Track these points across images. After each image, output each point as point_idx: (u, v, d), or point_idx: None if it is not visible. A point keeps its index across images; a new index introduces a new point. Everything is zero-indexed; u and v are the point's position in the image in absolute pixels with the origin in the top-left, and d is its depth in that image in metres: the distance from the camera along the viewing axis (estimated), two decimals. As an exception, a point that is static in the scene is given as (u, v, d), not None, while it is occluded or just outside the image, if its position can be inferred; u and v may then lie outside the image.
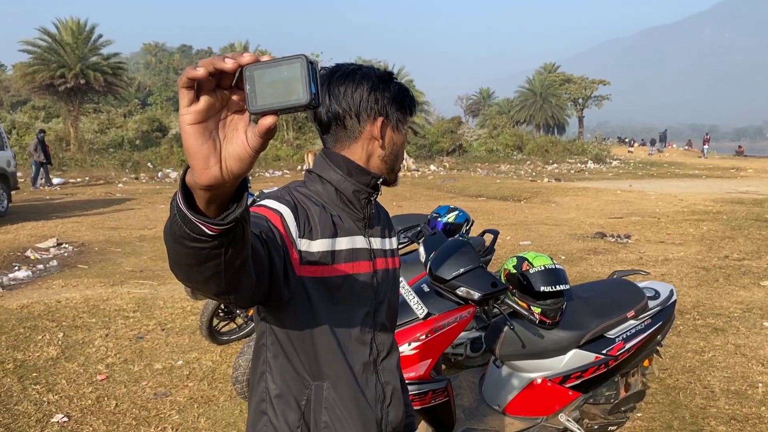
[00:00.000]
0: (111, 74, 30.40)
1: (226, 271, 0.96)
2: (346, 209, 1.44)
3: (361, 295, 1.43)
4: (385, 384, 1.49)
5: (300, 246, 1.31)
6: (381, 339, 1.49)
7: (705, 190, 20.04)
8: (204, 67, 0.74)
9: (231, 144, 0.80)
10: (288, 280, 1.28)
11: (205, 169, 0.79)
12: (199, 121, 0.78)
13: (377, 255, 1.49)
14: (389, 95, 1.45)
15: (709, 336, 5.44)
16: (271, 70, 0.76)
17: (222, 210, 0.87)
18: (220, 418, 3.91)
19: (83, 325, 5.63)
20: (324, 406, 1.39)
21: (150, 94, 53.91)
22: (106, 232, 10.93)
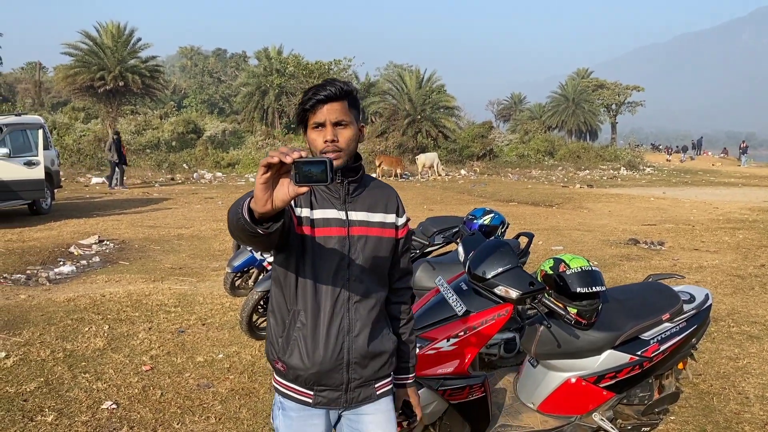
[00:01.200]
0: (148, 77, 31.05)
1: (269, 244, 1.75)
2: (326, 190, 1.97)
3: (333, 251, 1.93)
4: (354, 320, 1.97)
5: (296, 212, 1.91)
6: (354, 286, 1.97)
7: (741, 198, 19.70)
8: (277, 156, 1.43)
9: (279, 192, 1.50)
10: (291, 235, 1.89)
11: (263, 205, 1.51)
12: (265, 183, 1.48)
13: (353, 224, 1.96)
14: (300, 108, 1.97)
15: (744, 343, 5.42)
16: (309, 164, 1.46)
17: (268, 221, 1.58)
18: (260, 409, 4.05)
19: (127, 318, 5.84)
20: (297, 326, 1.96)
21: (185, 96, 54.77)
22: (145, 230, 11.22)
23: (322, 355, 1.93)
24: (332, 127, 1.90)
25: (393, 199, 2.09)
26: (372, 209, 2.01)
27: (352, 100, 1.96)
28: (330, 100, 1.89)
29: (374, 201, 2.03)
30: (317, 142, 1.91)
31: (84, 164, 25.36)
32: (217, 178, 24.88)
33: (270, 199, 1.49)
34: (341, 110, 1.90)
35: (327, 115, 1.89)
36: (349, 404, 2.03)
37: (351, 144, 1.94)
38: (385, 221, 2.03)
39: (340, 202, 1.97)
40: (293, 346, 1.95)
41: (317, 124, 1.90)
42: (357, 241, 1.97)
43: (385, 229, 2.02)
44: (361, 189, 2.01)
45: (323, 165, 1.46)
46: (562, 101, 51.42)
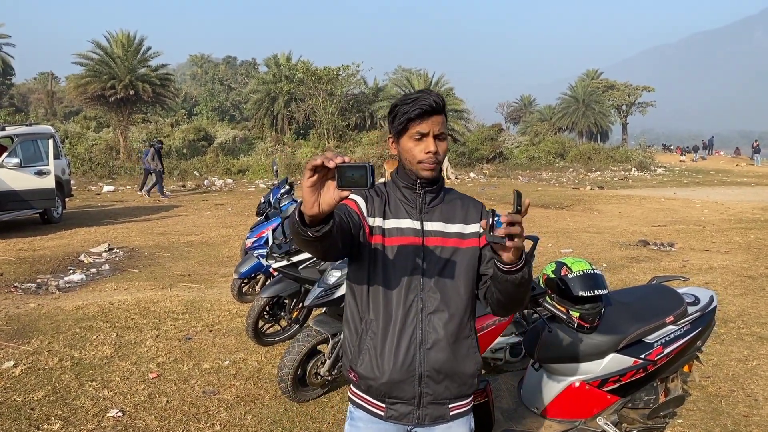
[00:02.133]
0: (159, 85, 31.30)
1: (322, 249, 1.70)
2: (403, 199, 1.99)
3: (406, 260, 1.93)
4: (427, 332, 1.93)
5: (369, 221, 1.94)
6: (429, 297, 1.93)
7: (753, 198, 19.52)
8: (321, 160, 1.47)
9: (325, 195, 1.51)
10: (362, 244, 1.92)
11: (310, 208, 1.53)
12: (311, 186, 1.50)
13: (429, 234, 1.95)
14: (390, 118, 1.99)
15: (754, 345, 5.36)
16: (351, 169, 1.48)
17: (319, 224, 1.59)
18: (265, 416, 4.05)
19: (135, 326, 5.87)
20: (369, 335, 1.96)
21: (196, 104, 55.14)
22: (155, 238, 11.29)
23: (392, 365, 1.91)
24: (434, 139, 1.90)
25: (475, 209, 2.04)
26: (449, 220, 1.99)
27: (446, 114, 1.97)
28: (436, 113, 1.89)
29: (453, 212, 2.01)
30: (414, 152, 1.92)
31: (96, 173, 25.55)
32: (227, 185, 24.98)
33: (317, 201, 1.51)
34: (442, 123, 1.92)
35: (431, 126, 1.89)
36: (421, 422, 1.98)
37: (444, 156, 1.97)
38: (463, 232, 1.98)
39: (417, 212, 1.97)
40: (364, 355, 1.95)
41: (421, 134, 1.90)
42: (432, 251, 1.94)
43: (463, 240, 1.97)
44: (439, 200, 2.01)
45: (363, 170, 1.48)
46: (572, 103, 51.25)
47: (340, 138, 36.86)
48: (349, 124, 38.82)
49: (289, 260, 4.85)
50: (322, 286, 4.04)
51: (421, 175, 1.93)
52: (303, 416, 4.06)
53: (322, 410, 4.15)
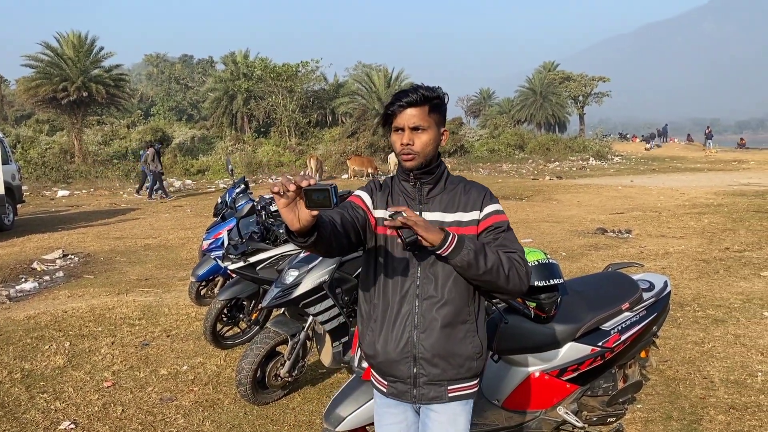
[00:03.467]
0: (113, 86, 30.54)
1: (322, 251, 1.88)
2: (404, 191, 2.12)
3: (405, 250, 2.03)
4: (421, 315, 2.05)
5: (375, 214, 2.10)
6: (423, 283, 2.05)
7: (707, 183, 20.04)
8: (281, 185, 1.61)
9: (302, 213, 1.64)
10: (368, 235, 2.09)
11: (291, 225, 1.67)
12: (284, 206, 1.63)
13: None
14: (384, 112, 2.09)
15: (709, 327, 5.47)
16: (315, 192, 1.61)
17: (305, 235, 1.73)
18: (224, 420, 3.97)
19: (89, 333, 5.70)
20: (373, 318, 2.14)
21: (153, 104, 54.08)
22: (112, 242, 11.02)
23: (388, 345, 2.08)
24: (410, 131, 2.01)
25: (476, 197, 2.11)
26: (448, 209, 2.08)
27: (435, 105, 2.03)
28: (411, 106, 1.99)
29: (452, 201, 2.10)
30: (396, 144, 2.06)
31: (50, 177, 24.85)
32: (186, 186, 24.57)
33: (297, 218, 1.64)
34: (420, 116, 2.00)
35: (406, 120, 2.00)
36: (418, 400, 2.12)
37: (427, 148, 2.03)
38: (461, 220, 2.07)
39: (416, 203, 2.09)
40: (368, 335, 2.15)
41: (397, 128, 2.04)
42: None
43: (460, 228, 2.04)
44: (439, 190, 2.11)
45: (326, 192, 1.60)
46: (530, 95, 51.85)
47: (302, 135, 36.62)
48: (310, 121, 38.57)
49: (246, 261, 4.76)
50: (280, 286, 3.97)
51: (403, 165, 2.08)
52: (263, 419, 3.98)
53: (283, 412, 4.08)
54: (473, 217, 2.07)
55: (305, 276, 3.89)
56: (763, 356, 4.76)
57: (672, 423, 3.78)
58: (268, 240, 4.93)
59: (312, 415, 4.03)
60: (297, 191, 1.60)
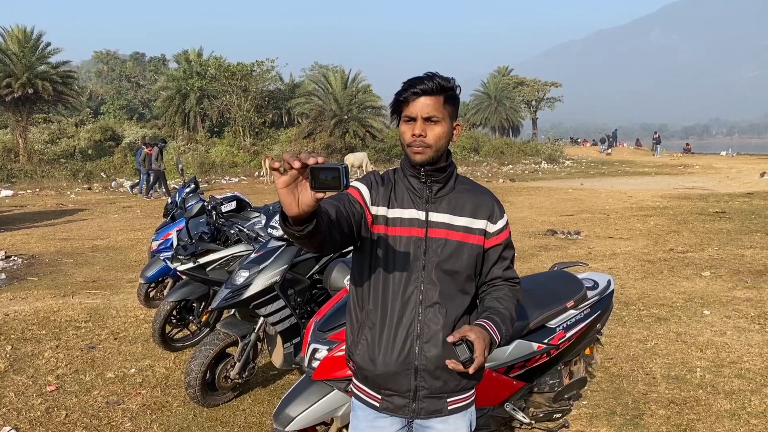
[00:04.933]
0: (60, 83, 29.63)
1: (314, 245, 1.64)
2: (410, 188, 1.95)
3: (407, 251, 1.90)
4: (425, 325, 1.90)
5: (372, 210, 1.91)
6: (428, 289, 1.91)
7: (653, 186, 20.66)
8: (284, 161, 1.40)
9: (303, 196, 1.43)
10: (363, 233, 1.88)
11: (290, 210, 1.45)
12: (285, 186, 1.41)
13: (433, 226, 1.91)
14: (395, 99, 1.91)
15: (653, 325, 5.65)
16: (324, 171, 1.39)
17: (303, 223, 1.52)
18: (173, 423, 3.91)
19: (32, 337, 5.53)
20: (368, 325, 1.96)
21: (102, 102, 52.71)
22: (58, 243, 10.71)
23: (388, 356, 1.91)
24: (423, 122, 1.84)
25: (486, 204, 1.99)
26: (456, 212, 1.94)
27: (450, 97, 1.88)
28: (426, 95, 1.83)
29: (462, 204, 1.96)
30: (406, 135, 1.88)
31: (-8, 177, 24.01)
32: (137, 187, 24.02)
33: (296, 202, 1.44)
34: (434, 106, 1.84)
35: (419, 109, 1.84)
36: (416, 415, 1.97)
37: (440, 141, 1.87)
38: (471, 226, 1.94)
39: (423, 202, 1.93)
40: (362, 345, 1.96)
41: (408, 117, 1.86)
42: (435, 243, 1.91)
43: (469, 235, 1.94)
44: (448, 190, 1.96)
45: (337, 172, 1.39)
46: (484, 99, 52.50)
47: (257, 135, 36.22)
48: (265, 122, 38.17)
49: (196, 262, 4.70)
50: (230, 287, 3.93)
51: (411, 159, 1.90)
52: (213, 421, 3.94)
53: (233, 414, 4.04)
54: (481, 227, 1.95)
55: (256, 277, 3.87)
56: (702, 353, 4.95)
57: (615, 418, 3.89)
58: (218, 241, 4.88)
59: (263, 416, 4.01)
60: (302, 169, 1.39)
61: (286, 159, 1.38)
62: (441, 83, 1.83)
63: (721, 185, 20.35)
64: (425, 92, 1.82)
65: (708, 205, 14.55)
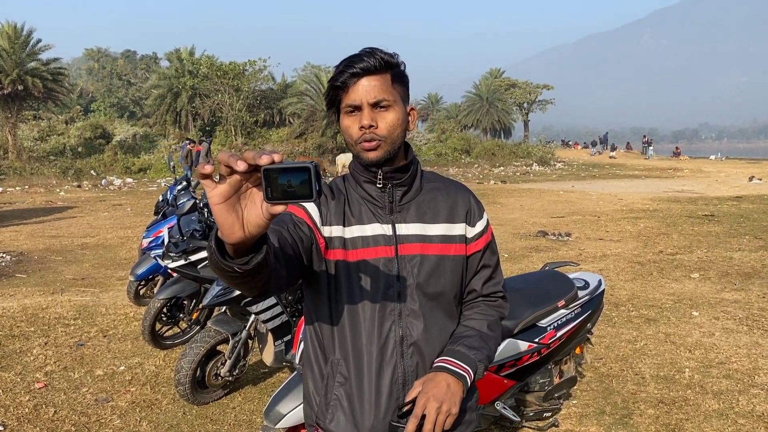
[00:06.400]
0: (51, 80, 29.55)
1: (255, 286, 1.19)
2: (367, 198, 1.54)
3: (376, 279, 1.48)
4: (410, 368, 1.51)
5: (324, 233, 1.49)
6: (409, 323, 1.51)
7: (644, 189, 20.77)
8: (221, 162, 0.95)
9: (250, 213, 0.99)
10: (314, 263, 1.47)
11: (231, 234, 1.00)
12: (222, 201, 0.97)
13: (404, 240, 1.51)
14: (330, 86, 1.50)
15: (642, 326, 5.68)
16: (285, 173, 0.94)
17: (247, 253, 1.08)
18: (162, 421, 3.89)
19: (21, 334, 5.49)
20: (337, 381, 1.52)
21: (93, 100, 52.48)
22: (47, 241, 10.64)
23: (373, 417, 1.50)
24: (370, 108, 1.44)
25: (462, 202, 1.61)
26: (430, 218, 1.55)
27: (398, 74, 1.48)
28: (368, 74, 1.43)
29: (433, 207, 1.57)
30: (351, 130, 1.47)
31: (-19, 173, 23.84)
32: (127, 184, 23.96)
33: (239, 223, 0.99)
34: (382, 87, 1.44)
35: (364, 93, 1.43)
36: None
37: (395, 131, 1.46)
38: (449, 234, 1.56)
39: (386, 213, 1.53)
40: (335, 408, 1.53)
41: (351, 106, 1.45)
42: (409, 262, 1.51)
43: (449, 245, 1.55)
44: (414, 193, 1.56)
45: (304, 173, 0.95)
46: (476, 101, 52.67)
47: (248, 135, 36.16)
48: (257, 121, 38.13)
49: (187, 259, 4.68)
50: (221, 284, 3.92)
51: (363, 159, 1.48)
52: (203, 419, 3.93)
53: (223, 412, 4.03)
54: (461, 232, 1.57)
55: (247, 274, 3.85)
56: (691, 353, 4.98)
57: (605, 417, 3.91)
58: (210, 238, 4.86)
59: (253, 414, 3.99)
60: (247, 173, 0.95)
61: (224, 160, 0.94)
62: (384, 58, 1.44)
63: (710, 189, 20.49)
64: (367, 71, 1.43)
65: (697, 208, 14.65)
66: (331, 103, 1.52)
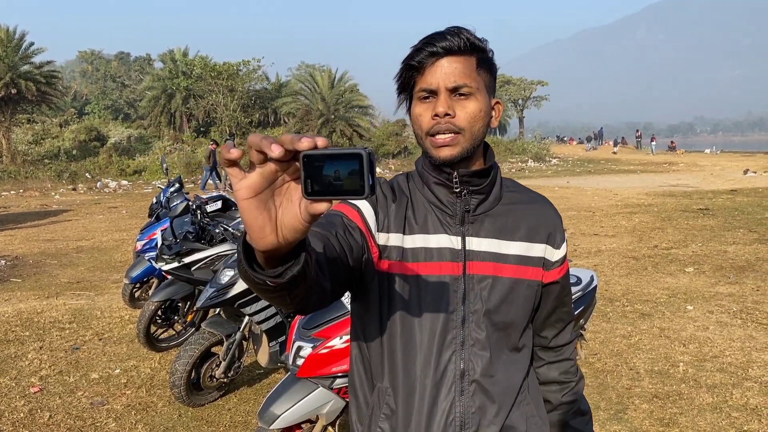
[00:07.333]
0: (44, 83, 29.49)
1: (292, 302, 0.96)
2: (435, 203, 1.30)
3: (438, 300, 1.27)
4: (471, 408, 1.28)
5: (379, 240, 1.26)
6: (473, 354, 1.28)
7: (639, 184, 20.82)
8: (252, 147, 0.72)
9: (286, 214, 0.77)
10: (365, 275, 1.26)
11: (261, 238, 0.78)
12: (252, 195, 0.75)
13: (474, 257, 1.28)
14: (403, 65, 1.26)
15: (637, 321, 5.70)
16: (331, 161, 0.73)
17: (282, 263, 0.85)
18: (158, 423, 3.89)
19: (16, 338, 5.49)
20: (383, 413, 1.30)
21: (87, 102, 52.39)
22: (42, 244, 10.62)
23: None
24: (448, 94, 1.20)
25: (546, 219, 1.37)
26: (507, 234, 1.31)
27: (485, 59, 1.25)
28: (449, 54, 1.19)
29: (512, 221, 1.33)
30: (422, 119, 1.23)
31: (-25, 178, 23.79)
32: (122, 187, 23.93)
33: (272, 225, 0.77)
34: (464, 71, 1.20)
35: (442, 77, 1.19)
36: None
37: (476, 124, 1.22)
38: (528, 254, 1.32)
39: (456, 223, 1.29)
40: None
41: (426, 90, 1.21)
42: (478, 283, 1.28)
43: (526, 268, 1.32)
44: (492, 203, 1.32)
45: (355, 161, 0.73)
46: (471, 97, 52.69)
47: (243, 135, 36.11)
48: (252, 121, 38.12)
49: (181, 261, 4.68)
50: (215, 286, 3.92)
51: (434, 156, 1.24)
52: (198, 421, 3.93)
53: (219, 413, 4.03)
54: (540, 254, 1.33)
55: (241, 275, 3.85)
56: (685, 347, 5.00)
57: (600, 413, 3.92)
58: (203, 240, 4.86)
59: (248, 415, 4.00)
60: (284, 162, 0.74)
61: (255, 143, 0.72)
62: (471, 39, 1.21)
63: (705, 182, 20.55)
64: (449, 51, 1.19)
65: (692, 202, 14.69)
66: (403, 87, 1.26)
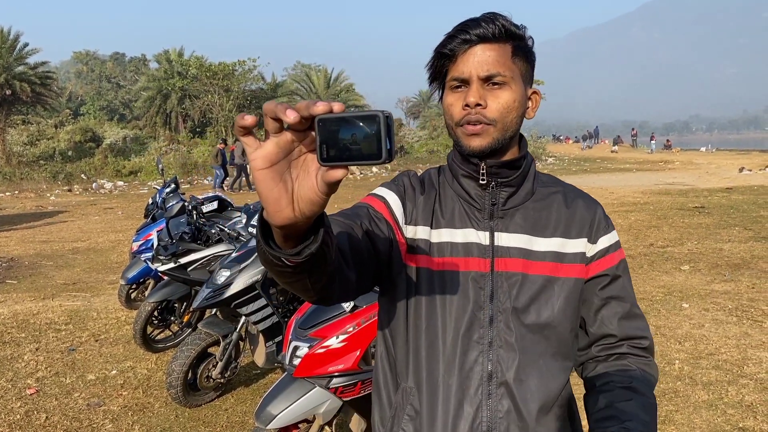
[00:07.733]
0: (39, 84, 29.45)
1: (313, 287, 0.94)
2: (463, 196, 1.27)
3: (464, 297, 1.22)
4: (498, 412, 1.20)
5: (406, 233, 1.24)
6: (500, 356, 1.21)
7: (635, 182, 20.86)
8: (268, 113, 0.71)
9: (302, 187, 0.74)
10: (393, 267, 1.23)
11: (277, 212, 0.75)
12: (268, 166, 0.73)
13: (503, 254, 1.23)
14: (435, 53, 1.23)
15: (633, 319, 5.71)
16: (347, 125, 0.70)
17: (300, 241, 0.83)
18: (155, 424, 3.89)
19: (11, 340, 5.48)
20: (406, 414, 1.24)
21: (82, 103, 52.27)
22: (37, 246, 10.60)
23: None
24: (480, 83, 1.16)
25: (585, 213, 1.29)
26: (539, 230, 1.25)
27: (521, 47, 1.20)
28: (483, 41, 1.15)
29: (546, 216, 1.27)
30: (453, 109, 1.20)
31: (-29, 179, 23.71)
32: (118, 188, 23.88)
33: (289, 197, 0.75)
34: (498, 59, 1.16)
35: (474, 65, 1.15)
36: None
37: (509, 115, 1.17)
38: (563, 251, 1.25)
39: (484, 217, 1.25)
40: None
41: (458, 80, 1.18)
42: (507, 280, 1.22)
43: (561, 265, 1.24)
44: (524, 197, 1.27)
45: (373, 124, 0.70)
46: (467, 96, 52.72)
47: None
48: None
49: (177, 262, 4.67)
50: (211, 286, 3.92)
51: (463, 147, 1.20)
52: (195, 421, 3.93)
53: (216, 414, 4.03)
54: (579, 249, 1.26)
55: (237, 276, 3.86)
56: (681, 345, 5.01)
57: (596, 411, 3.93)
58: (199, 240, 4.86)
59: (245, 415, 4.00)
60: (300, 131, 0.73)
61: (271, 110, 0.70)
62: (506, 26, 1.16)
63: (701, 181, 20.60)
64: (483, 38, 1.15)
65: (688, 200, 14.73)
66: (435, 76, 1.24)
